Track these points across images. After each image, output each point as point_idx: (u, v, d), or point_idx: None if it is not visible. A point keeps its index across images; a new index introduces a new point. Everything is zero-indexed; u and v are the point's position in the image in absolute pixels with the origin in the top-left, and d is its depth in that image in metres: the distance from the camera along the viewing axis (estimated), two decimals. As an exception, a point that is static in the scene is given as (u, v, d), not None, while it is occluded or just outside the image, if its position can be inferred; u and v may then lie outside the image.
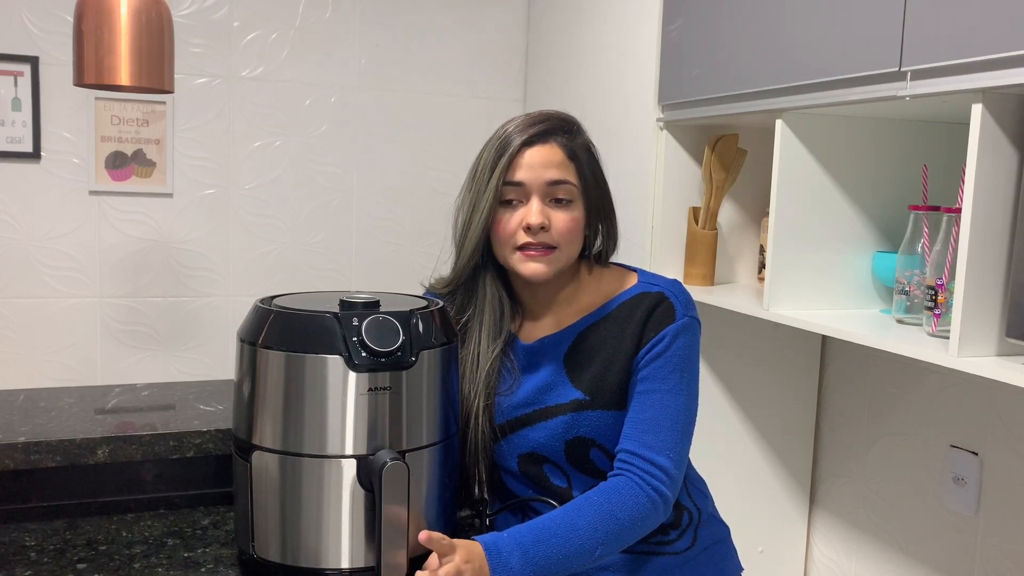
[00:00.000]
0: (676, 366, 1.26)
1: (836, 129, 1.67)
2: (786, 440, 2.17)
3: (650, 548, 1.31)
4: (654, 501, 1.22)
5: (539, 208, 1.25)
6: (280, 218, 2.66)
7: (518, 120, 1.29)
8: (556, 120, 1.30)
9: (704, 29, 1.87)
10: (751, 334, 2.10)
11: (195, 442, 1.38)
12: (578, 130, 1.31)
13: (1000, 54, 1.20)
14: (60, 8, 2.39)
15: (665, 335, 1.26)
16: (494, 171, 1.25)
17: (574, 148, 1.28)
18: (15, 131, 2.39)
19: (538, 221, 1.24)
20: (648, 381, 1.25)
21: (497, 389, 1.31)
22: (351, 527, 1.10)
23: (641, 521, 1.21)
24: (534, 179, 1.25)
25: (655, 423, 1.24)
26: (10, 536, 1.26)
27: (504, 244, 1.28)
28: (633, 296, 1.30)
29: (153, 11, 1.66)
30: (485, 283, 1.32)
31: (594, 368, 1.28)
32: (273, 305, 1.16)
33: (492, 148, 1.27)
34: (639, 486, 1.22)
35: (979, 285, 1.28)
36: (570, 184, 1.26)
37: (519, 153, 1.25)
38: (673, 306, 1.27)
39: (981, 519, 1.74)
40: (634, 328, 1.27)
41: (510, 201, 1.26)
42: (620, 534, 1.20)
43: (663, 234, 2.05)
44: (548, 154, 1.26)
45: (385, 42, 2.71)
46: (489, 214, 1.26)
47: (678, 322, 1.26)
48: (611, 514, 1.19)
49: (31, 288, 2.46)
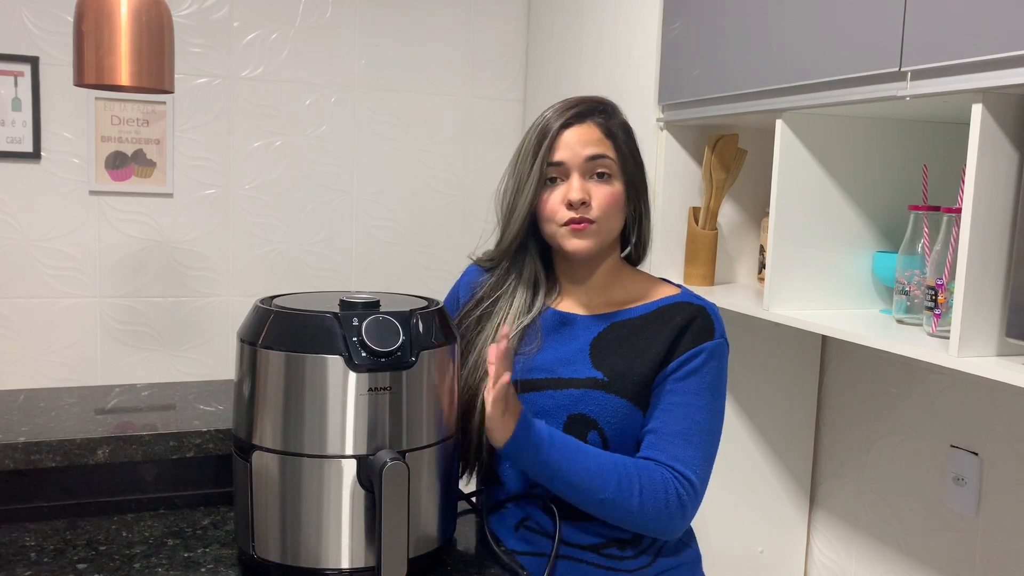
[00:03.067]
0: (710, 386, 1.28)
1: (836, 129, 1.67)
2: (786, 440, 2.17)
3: (601, 561, 1.28)
4: (673, 505, 1.22)
5: (579, 184, 1.29)
6: (280, 218, 2.66)
7: (556, 106, 1.34)
8: (592, 102, 1.35)
9: (704, 29, 1.87)
10: (751, 334, 2.10)
11: (195, 442, 1.38)
12: (614, 111, 1.36)
13: (1000, 54, 1.20)
14: (60, 8, 2.39)
15: (702, 351, 1.28)
16: (536, 154, 1.30)
17: (610, 127, 1.33)
18: (15, 131, 2.39)
19: (579, 196, 1.28)
20: (681, 394, 1.26)
21: (517, 348, 1.33)
22: (351, 527, 1.10)
23: (654, 511, 1.21)
24: (573, 157, 1.29)
25: (685, 437, 1.25)
26: (10, 536, 1.26)
27: (548, 221, 1.32)
28: (677, 303, 1.33)
29: (153, 11, 1.66)
30: (524, 261, 1.37)
31: (619, 358, 1.29)
32: (273, 305, 1.16)
33: (533, 134, 1.33)
34: (669, 482, 1.22)
35: (979, 285, 1.28)
36: (608, 158, 1.31)
37: (559, 135, 1.30)
38: (713, 324, 1.31)
39: (981, 519, 1.74)
40: (670, 332, 1.29)
41: (553, 179, 1.31)
42: (629, 503, 1.20)
43: (663, 234, 2.05)
44: (585, 133, 1.31)
45: (385, 42, 2.71)
46: (534, 196, 1.30)
47: (715, 341, 1.29)
48: (634, 482, 1.20)
49: (31, 288, 2.46)
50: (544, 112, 1.35)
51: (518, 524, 1.31)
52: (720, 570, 2.13)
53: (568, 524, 1.28)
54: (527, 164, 1.31)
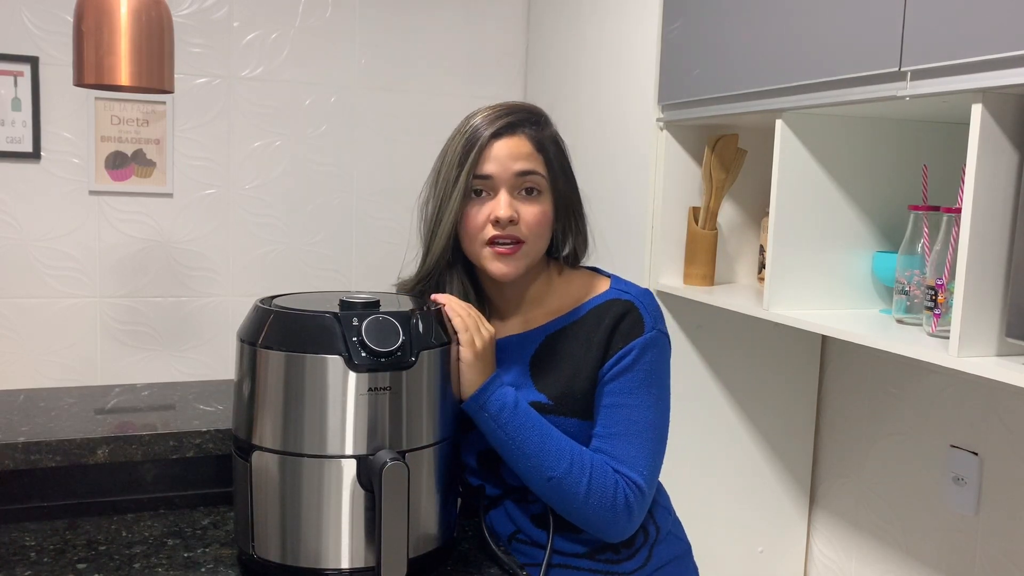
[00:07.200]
0: (643, 381, 1.23)
1: (836, 129, 1.67)
2: (786, 440, 2.17)
3: (596, 567, 1.26)
4: (620, 507, 1.19)
5: (507, 201, 1.23)
6: (280, 218, 2.66)
7: (484, 113, 1.27)
8: (524, 112, 1.28)
9: (704, 29, 1.87)
10: (751, 334, 2.10)
11: (195, 442, 1.38)
12: (546, 122, 1.30)
13: (1000, 54, 1.20)
14: (60, 8, 2.39)
15: (633, 348, 1.23)
16: (463, 165, 1.23)
17: (542, 140, 1.27)
18: (15, 131, 2.39)
19: (507, 214, 1.22)
20: (616, 395, 1.23)
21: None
22: (351, 527, 1.10)
23: (598, 506, 1.18)
24: (502, 171, 1.23)
25: (627, 439, 1.21)
26: (10, 536, 1.26)
27: (473, 239, 1.26)
28: (604, 302, 1.28)
29: (153, 11, 1.67)
30: (452, 279, 1.31)
31: (560, 374, 1.26)
32: (273, 305, 1.16)
33: (459, 142, 1.25)
34: (619, 484, 1.19)
35: (979, 285, 1.28)
36: (538, 175, 1.25)
37: (488, 146, 1.23)
38: (642, 317, 1.25)
39: (981, 519, 1.74)
40: (601, 336, 1.25)
41: (479, 193, 1.25)
42: (576, 489, 1.17)
43: (663, 234, 2.05)
44: (516, 146, 1.24)
45: (385, 42, 2.71)
46: (459, 209, 1.24)
47: (646, 335, 1.24)
48: (585, 471, 1.17)
49: (31, 288, 2.46)
50: (471, 118, 1.27)
51: (510, 537, 1.30)
52: (720, 570, 2.13)
53: (560, 535, 1.26)
54: (452, 175, 1.24)
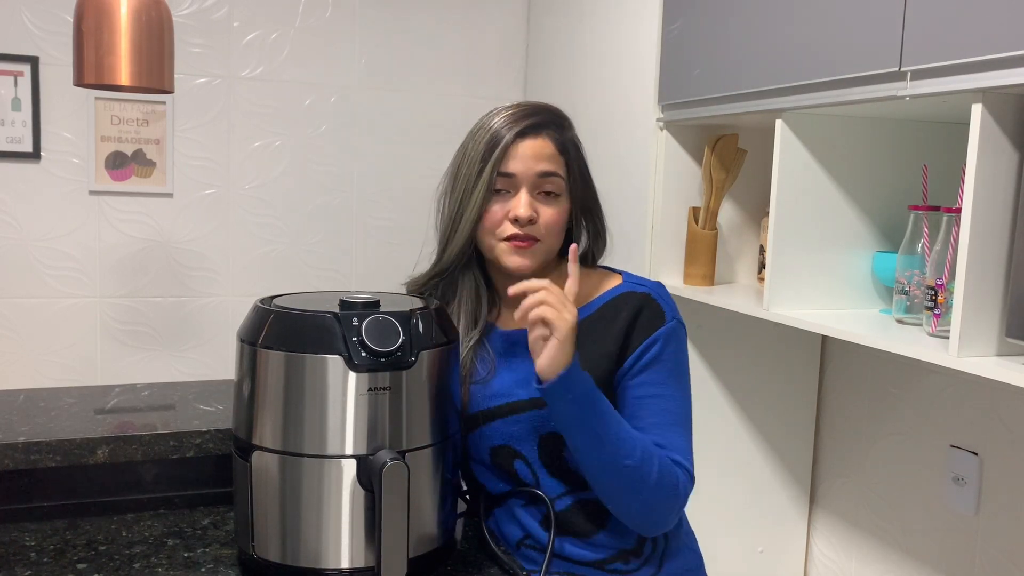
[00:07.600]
0: (672, 371, 1.25)
1: (836, 129, 1.67)
2: (786, 440, 2.17)
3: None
4: (681, 494, 1.20)
5: (527, 200, 1.25)
6: (280, 218, 2.66)
7: (507, 111, 1.29)
8: (548, 113, 1.30)
9: (704, 29, 1.87)
10: (751, 334, 2.10)
11: (195, 442, 1.38)
12: (568, 125, 1.32)
13: (1000, 54, 1.20)
14: (60, 8, 2.39)
15: (657, 338, 1.24)
16: (486, 161, 1.25)
17: (564, 142, 1.29)
18: (15, 131, 2.39)
19: (527, 213, 1.24)
20: (647, 386, 1.24)
21: (472, 377, 1.30)
22: (351, 527, 1.10)
23: (664, 493, 1.18)
24: (525, 171, 1.25)
25: (668, 428, 1.23)
26: (10, 536, 1.26)
27: (489, 234, 1.27)
28: (619, 295, 1.29)
29: (153, 11, 1.67)
30: (467, 275, 1.32)
31: None
32: (273, 305, 1.16)
33: (482, 139, 1.27)
34: (676, 471, 1.20)
35: (979, 285, 1.28)
36: (559, 177, 1.27)
37: (512, 144, 1.25)
38: (662, 308, 1.27)
39: (981, 519, 1.74)
40: (620, 327, 1.25)
41: (499, 190, 1.26)
42: (648, 477, 1.16)
43: (663, 234, 2.05)
44: (540, 146, 1.26)
45: (385, 42, 2.71)
46: (481, 205, 1.26)
47: (668, 325, 1.26)
48: (655, 459, 1.17)
49: (31, 288, 2.46)
50: (491, 116, 1.29)
51: (519, 543, 1.29)
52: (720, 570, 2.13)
53: (571, 541, 1.26)
54: (474, 172, 1.26)
